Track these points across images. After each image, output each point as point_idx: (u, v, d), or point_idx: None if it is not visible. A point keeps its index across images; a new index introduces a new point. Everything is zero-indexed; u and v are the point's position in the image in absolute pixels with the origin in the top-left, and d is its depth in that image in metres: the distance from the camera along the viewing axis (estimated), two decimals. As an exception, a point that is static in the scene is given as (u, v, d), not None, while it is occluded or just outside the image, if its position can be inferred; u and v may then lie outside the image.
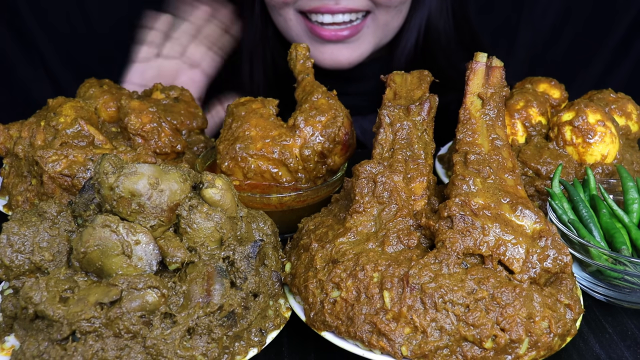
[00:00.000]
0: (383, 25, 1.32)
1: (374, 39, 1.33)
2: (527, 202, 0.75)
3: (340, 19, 1.26)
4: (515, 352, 0.66)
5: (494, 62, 0.87)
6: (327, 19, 1.26)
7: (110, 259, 0.66)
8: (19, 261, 0.70)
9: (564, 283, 0.71)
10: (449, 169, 1.12)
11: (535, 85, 1.14)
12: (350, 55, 1.31)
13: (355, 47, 1.31)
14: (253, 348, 0.71)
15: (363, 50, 1.33)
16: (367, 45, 1.33)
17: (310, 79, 1.05)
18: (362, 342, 0.67)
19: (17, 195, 0.98)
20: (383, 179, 0.78)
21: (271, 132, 0.95)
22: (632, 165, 1.02)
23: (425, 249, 0.75)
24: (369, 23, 1.31)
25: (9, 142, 1.04)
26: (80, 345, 0.62)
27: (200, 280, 0.68)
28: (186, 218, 0.70)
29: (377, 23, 1.31)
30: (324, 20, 1.27)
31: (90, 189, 0.74)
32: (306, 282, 0.73)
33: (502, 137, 0.83)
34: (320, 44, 1.31)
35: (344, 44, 1.30)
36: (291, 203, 0.94)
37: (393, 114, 0.86)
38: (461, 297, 0.67)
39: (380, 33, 1.33)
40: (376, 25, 1.31)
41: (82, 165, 0.92)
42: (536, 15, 1.90)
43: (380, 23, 1.31)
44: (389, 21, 1.32)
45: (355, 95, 1.43)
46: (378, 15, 1.30)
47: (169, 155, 1.03)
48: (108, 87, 1.11)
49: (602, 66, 1.93)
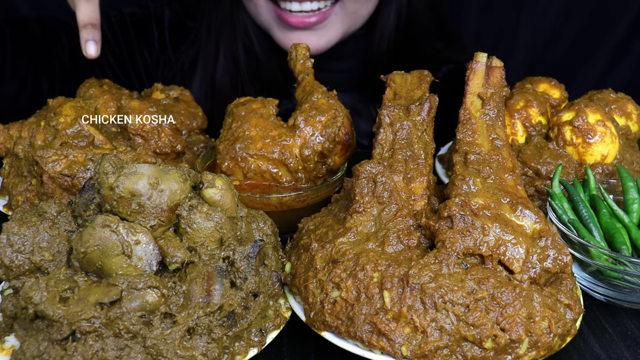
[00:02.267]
0: (352, 13, 1.33)
1: (342, 27, 1.35)
2: (527, 202, 0.75)
3: (308, 7, 1.28)
4: (515, 352, 0.66)
5: (494, 62, 0.87)
6: (295, 7, 1.28)
7: (110, 259, 0.66)
8: (19, 261, 0.70)
9: (564, 283, 0.71)
10: (449, 169, 1.12)
11: (535, 85, 1.14)
12: (317, 42, 1.33)
13: (322, 33, 1.33)
14: (253, 348, 0.71)
15: (331, 37, 1.34)
16: (334, 32, 1.34)
17: (310, 79, 1.05)
18: (362, 342, 0.67)
19: (17, 195, 0.98)
20: (383, 179, 0.78)
21: (271, 132, 0.95)
22: (632, 165, 1.02)
23: (425, 249, 0.75)
24: (337, 10, 1.32)
25: (9, 142, 1.04)
26: (80, 345, 0.62)
27: (200, 280, 0.68)
28: (186, 218, 0.70)
29: (346, 11, 1.33)
30: (292, 7, 1.28)
31: (90, 189, 0.74)
32: (306, 282, 0.73)
33: (502, 137, 0.83)
34: (289, 30, 1.32)
35: (311, 30, 1.32)
36: (291, 203, 0.94)
37: (393, 114, 0.86)
38: (461, 297, 0.67)
39: (349, 20, 1.35)
40: (345, 12, 1.33)
41: (82, 165, 0.92)
42: (536, 15, 1.90)
43: (349, 11, 1.33)
44: (358, 9, 1.34)
45: (335, 72, 1.46)
46: (347, 3, 1.32)
47: (169, 155, 1.03)
48: (108, 87, 1.11)
49: (602, 66, 1.93)
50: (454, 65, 1.48)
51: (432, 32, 1.49)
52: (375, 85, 1.52)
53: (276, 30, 1.35)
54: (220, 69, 1.43)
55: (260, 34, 1.42)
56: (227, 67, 1.43)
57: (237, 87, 1.44)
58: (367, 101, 1.50)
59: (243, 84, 1.44)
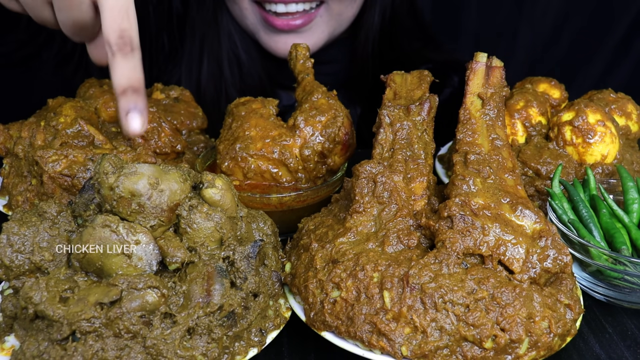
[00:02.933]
0: (337, 15, 1.34)
1: (327, 29, 1.35)
2: (527, 202, 0.75)
3: (293, 9, 1.28)
4: (515, 352, 0.66)
5: (494, 62, 0.87)
6: (281, 9, 1.28)
7: (110, 259, 0.66)
8: (19, 261, 0.70)
9: (564, 283, 0.71)
10: (449, 169, 1.12)
11: (535, 85, 1.14)
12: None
13: (308, 36, 1.33)
14: (253, 348, 0.71)
15: (316, 39, 1.35)
16: (320, 35, 1.35)
17: (310, 79, 1.05)
18: (362, 342, 0.67)
19: (17, 195, 0.98)
20: (383, 179, 0.78)
21: (271, 132, 0.95)
22: (632, 165, 1.02)
23: (425, 249, 0.75)
24: (322, 12, 1.32)
25: (9, 142, 1.04)
26: (80, 345, 0.62)
27: (200, 280, 0.68)
28: (186, 218, 0.70)
29: (331, 13, 1.33)
30: (278, 9, 1.28)
31: (90, 189, 0.74)
32: (306, 282, 0.73)
33: (502, 137, 0.83)
34: (275, 33, 1.33)
35: (297, 33, 1.32)
36: (291, 203, 0.94)
37: (393, 114, 0.86)
38: (461, 297, 0.67)
39: (334, 23, 1.35)
40: (330, 15, 1.33)
41: (82, 165, 0.92)
42: (536, 16, 1.90)
43: (334, 13, 1.33)
44: (343, 11, 1.34)
45: (321, 75, 1.48)
46: (331, 4, 1.32)
47: (169, 155, 1.03)
48: (108, 87, 1.11)
49: (602, 66, 1.93)
50: (431, 65, 1.48)
51: (411, 33, 1.50)
52: (360, 87, 1.53)
53: (262, 34, 1.35)
54: (204, 73, 1.43)
55: (244, 37, 1.42)
56: (212, 71, 1.43)
57: (221, 92, 1.44)
58: (350, 103, 1.51)
59: (227, 88, 1.44)
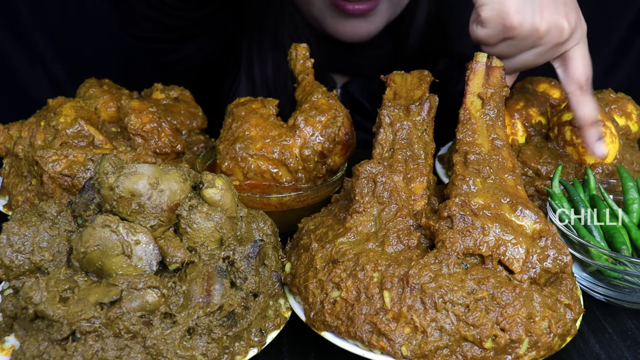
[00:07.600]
0: (396, 3, 1.45)
1: (387, 14, 1.45)
2: (527, 202, 0.75)
3: None
4: (515, 352, 0.66)
5: (494, 62, 0.87)
6: None
7: (110, 259, 0.66)
8: (19, 261, 0.70)
9: (564, 283, 0.71)
10: (449, 169, 1.12)
11: (535, 85, 1.14)
12: (368, 28, 1.43)
13: (372, 20, 1.42)
14: (253, 348, 0.71)
15: (378, 24, 1.44)
16: (381, 20, 1.44)
17: (310, 79, 1.05)
18: (362, 342, 0.67)
19: (17, 195, 0.98)
20: (383, 179, 0.78)
21: (271, 132, 0.95)
22: (632, 165, 1.02)
23: (425, 249, 0.75)
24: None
25: (9, 142, 1.04)
26: (80, 345, 0.62)
27: (200, 280, 0.68)
28: (186, 218, 0.70)
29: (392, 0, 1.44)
30: None
31: (90, 189, 0.74)
32: (306, 282, 0.73)
33: (502, 137, 0.83)
34: (344, 18, 1.40)
35: (363, 17, 1.41)
36: (291, 203, 0.94)
37: (393, 114, 0.86)
38: (461, 297, 0.67)
39: (392, 9, 1.45)
40: (390, 1, 1.43)
41: (82, 165, 0.92)
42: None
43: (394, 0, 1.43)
44: None
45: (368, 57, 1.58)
46: None
47: (169, 155, 1.03)
48: (108, 87, 1.11)
49: (602, 66, 1.93)
50: (449, 59, 1.58)
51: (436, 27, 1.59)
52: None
53: (329, 19, 1.41)
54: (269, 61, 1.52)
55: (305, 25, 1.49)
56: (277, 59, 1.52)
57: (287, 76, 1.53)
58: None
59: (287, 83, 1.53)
